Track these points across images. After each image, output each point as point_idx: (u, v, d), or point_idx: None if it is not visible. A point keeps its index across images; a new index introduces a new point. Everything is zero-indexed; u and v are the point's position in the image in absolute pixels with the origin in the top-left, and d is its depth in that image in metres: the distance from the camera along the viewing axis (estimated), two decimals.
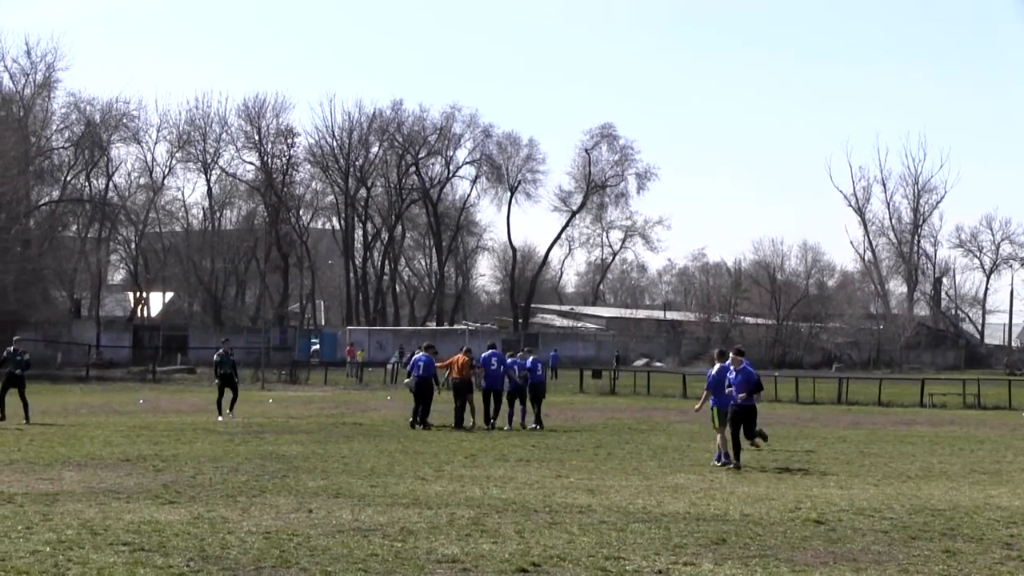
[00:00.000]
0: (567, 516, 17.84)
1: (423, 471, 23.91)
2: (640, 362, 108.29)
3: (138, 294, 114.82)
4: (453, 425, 36.58)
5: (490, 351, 38.48)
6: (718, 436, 26.08)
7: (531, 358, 39.16)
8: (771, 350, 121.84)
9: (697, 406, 26.86)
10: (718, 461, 25.72)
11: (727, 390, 25.17)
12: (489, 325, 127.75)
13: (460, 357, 38.07)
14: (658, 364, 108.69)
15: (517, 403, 37.64)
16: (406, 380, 38.38)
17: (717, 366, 26.73)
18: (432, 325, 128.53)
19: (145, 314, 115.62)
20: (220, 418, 38.86)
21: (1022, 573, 14.28)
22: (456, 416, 36.92)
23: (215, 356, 41.56)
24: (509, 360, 38.48)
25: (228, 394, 40.00)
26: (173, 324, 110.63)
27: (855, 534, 16.62)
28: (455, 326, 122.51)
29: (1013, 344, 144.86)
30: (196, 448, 28.39)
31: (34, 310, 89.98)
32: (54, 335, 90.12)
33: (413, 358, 38.74)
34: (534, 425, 36.95)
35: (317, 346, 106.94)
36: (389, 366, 76.63)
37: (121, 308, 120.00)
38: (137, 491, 20.15)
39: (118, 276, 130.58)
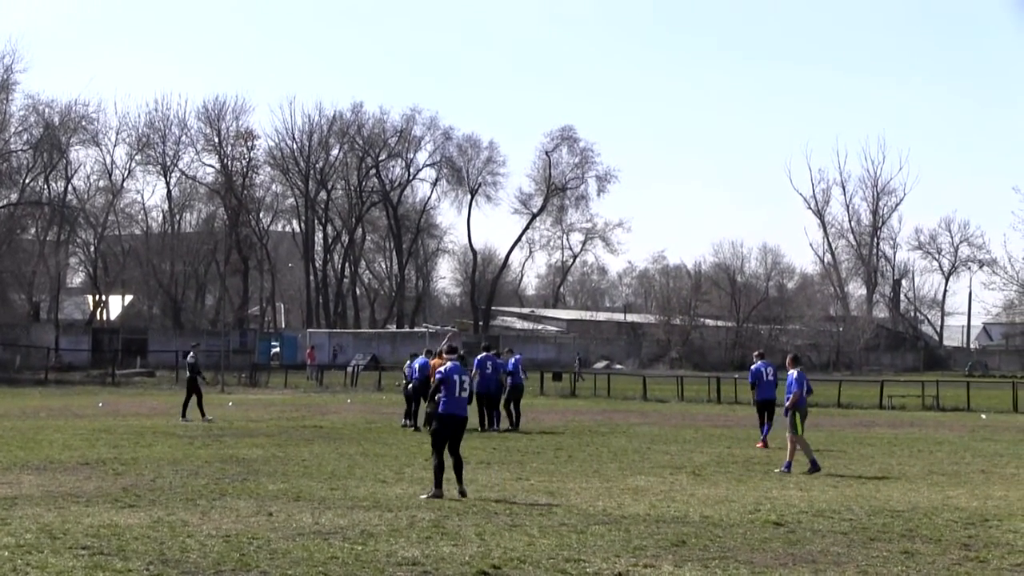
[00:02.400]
0: (527, 518, 17.86)
1: (383, 474, 23.90)
2: (600, 364, 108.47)
3: (97, 297, 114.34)
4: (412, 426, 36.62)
5: (484, 354, 38.33)
6: (791, 443, 25.93)
7: (512, 359, 39.25)
8: (731, 352, 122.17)
9: (786, 408, 26.69)
10: (787, 469, 25.32)
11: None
12: (449, 328, 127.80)
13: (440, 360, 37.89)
14: (618, 366, 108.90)
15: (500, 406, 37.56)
16: (407, 384, 38.22)
17: (794, 371, 26.64)
18: (392, 328, 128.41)
19: (104, 317, 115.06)
20: (185, 419, 39.11)
21: (980, 574, 14.37)
22: (412, 416, 36.93)
23: (190, 359, 41.50)
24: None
25: (190, 395, 40.14)
26: (132, 327, 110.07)
27: (814, 536, 16.69)
28: (415, 329, 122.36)
29: (971, 346, 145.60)
30: (155, 451, 28.31)
31: None
32: (12, 338, 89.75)
33: (412, 361, 38.42)
34: (508, 427, 36.98)
35: (277, 349, 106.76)
36: (349, 369, 76.56)
37: (80, 311, 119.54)
38: (96, 495, 20.08)
39: (77, 279, 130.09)
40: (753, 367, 32.63)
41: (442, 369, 21.08)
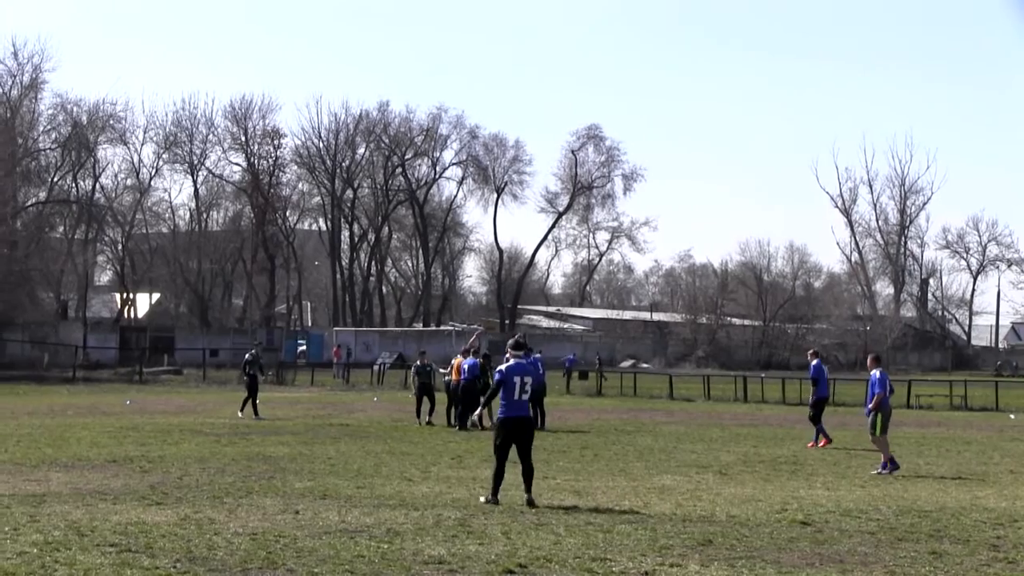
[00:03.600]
0: (553, 517, 17.83)
1: (410, 472, 23.90)
2: (626, 363, 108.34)
3: (125, 295, 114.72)
4: (456, 427, 36.74)
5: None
6: (876, 443, 25.95)
7: (532, 358, 39.22)
8: (757, 351, 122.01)
9: (868, 408, 26.64)
10: (884, 469, 25.19)
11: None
12: (476, 326, 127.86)
13: (459, 360, 38.20)
14: (644, 365, 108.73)
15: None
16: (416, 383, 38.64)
17: (877, 371, 26.60)
18: (419, 326, 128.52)
19: (132, 315, 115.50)
20: (240, 414, 40.12)
21: (1008, 575, 14.31)
22: (460, 418, 37.07)
23: (247, 355, 42.21)
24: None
25: (254, 394, 41.05)
26: (160, 325, 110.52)
27: (842, 535, 16.63)
28: (442, 327, 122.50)
29: (1000, 346, 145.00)
30: (183, 449, 28.37)
31: (21, 311, 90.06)
32: (41, 336, 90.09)
33: (462, 362, 38.48)
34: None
35: (304, 347, 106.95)
36: (376, 367, 76.66)
37: (108, 309, 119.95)
38: (124, 492, 20.12)
39: (105, 277, 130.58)
40: (815, 363, 33.03)
41: (501, 368, 19.83)
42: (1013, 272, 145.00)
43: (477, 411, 21.43)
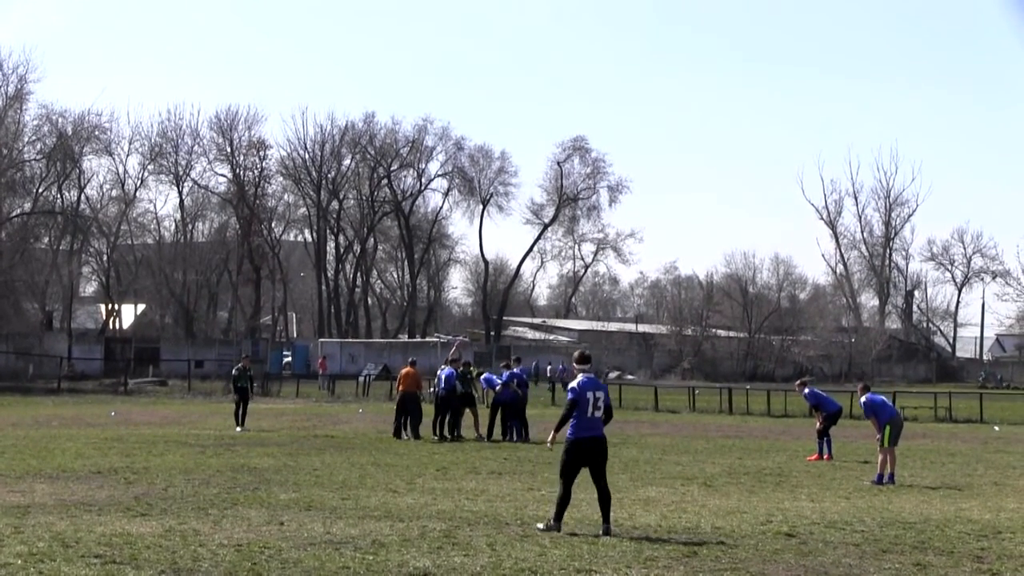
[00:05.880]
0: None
1: (395, 484, 23.89)
2: (612, 375, 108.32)
3: (110, 306, 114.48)
4: (447, 437, 36.86)
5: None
6: (881, 455, 26.03)
7: (516, 369, 39.28)
8: (743, 363, 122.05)
9: (878, 436, 26.71)
10: (879, 481, 25.47)
11: None
12: (461, 338, 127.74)
13: (407, 369, 38.30)
14: (630, 377, 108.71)
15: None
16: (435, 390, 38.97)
17: (863, 398, 26.98)
18: (404, 338, 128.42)
19: (117, 326, 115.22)
20: (238, 428, 40.04)
21: None
22: (451, 427, 37.15)
23: (233, 370, 43.49)
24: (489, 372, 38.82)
25: (245, 405, 41.48)
26: (145, 336, 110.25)
27: (826, 547, 16.65)
28: (427, 339, 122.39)
29: (985, 357, 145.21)
30: (168, 460, 28.33)
31: (6, 322, 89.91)
32: (26, 347, 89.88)
33: (440, 372, 38.57)
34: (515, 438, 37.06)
35: (289, 358, 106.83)
36: (361, 378, 76.56)
37: (93, 320, 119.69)
38: (108, 503, 20.09)
39: (90, 288, 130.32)
40: (808, 391, 33.63)
41: (575, 385, 17.97)
42: (998, 284, 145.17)
43: (550, 437, 19.13)
